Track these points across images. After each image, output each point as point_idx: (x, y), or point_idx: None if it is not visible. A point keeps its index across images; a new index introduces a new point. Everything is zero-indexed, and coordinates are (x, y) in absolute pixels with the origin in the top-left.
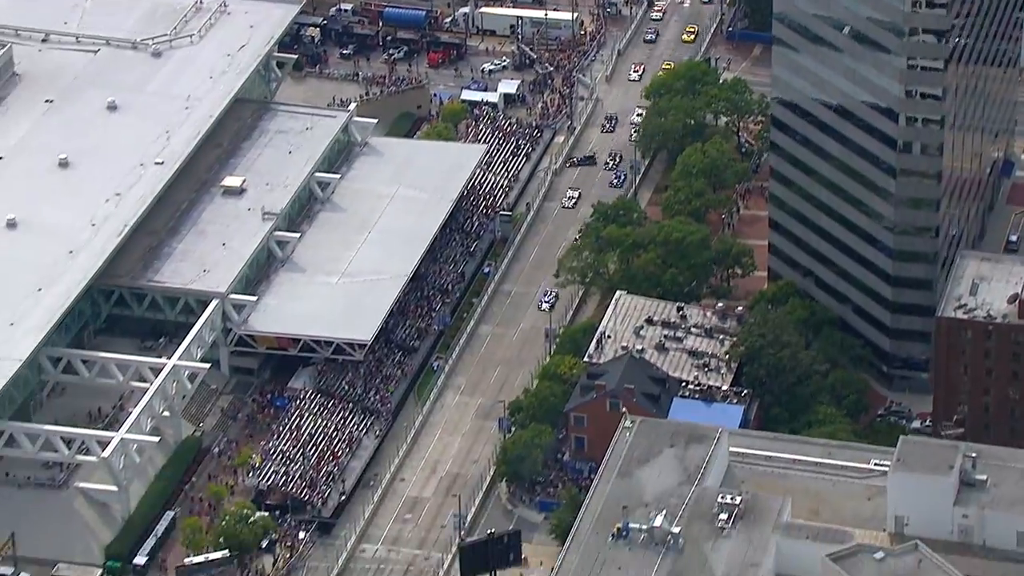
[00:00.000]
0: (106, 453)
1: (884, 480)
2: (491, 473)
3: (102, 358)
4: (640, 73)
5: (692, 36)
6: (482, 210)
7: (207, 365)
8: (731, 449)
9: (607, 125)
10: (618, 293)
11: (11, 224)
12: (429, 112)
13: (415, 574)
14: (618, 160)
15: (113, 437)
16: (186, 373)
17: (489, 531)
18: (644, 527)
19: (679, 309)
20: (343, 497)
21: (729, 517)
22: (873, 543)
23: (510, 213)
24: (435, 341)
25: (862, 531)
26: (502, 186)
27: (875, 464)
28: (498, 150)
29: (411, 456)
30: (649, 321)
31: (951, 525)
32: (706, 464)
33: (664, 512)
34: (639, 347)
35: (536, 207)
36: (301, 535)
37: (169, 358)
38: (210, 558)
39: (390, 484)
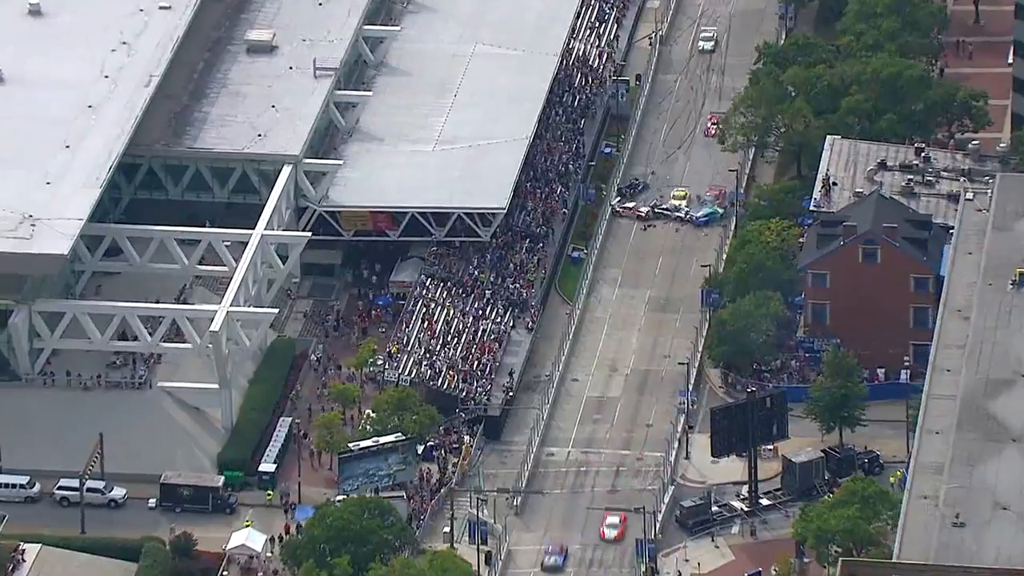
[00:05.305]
0: (215, 326)
1: None
2: (698, 359)
3: (162, 232)
4: None
5: None
6: (580, 82)
7: (307, 234)
8: None
9: None
10: (830, 138)
11: None
12: None
13: (630, 474)
14: None
15: (216, 311)
16: (274, 247)
17: (748, 389)
18: None
19: (919, 151)
20: (510, 393)
21: None
22: None
23: (627, 80)
24: (567, 228)
25: None
26: (597, 54)
27: None
28: (578, 15)
29: (577, 354)
30: (883, 165)
31: None
32: None
33: None
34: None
35: (650, 77)
36: (466, 438)
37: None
38: (381, 442)
39: (560, 384)
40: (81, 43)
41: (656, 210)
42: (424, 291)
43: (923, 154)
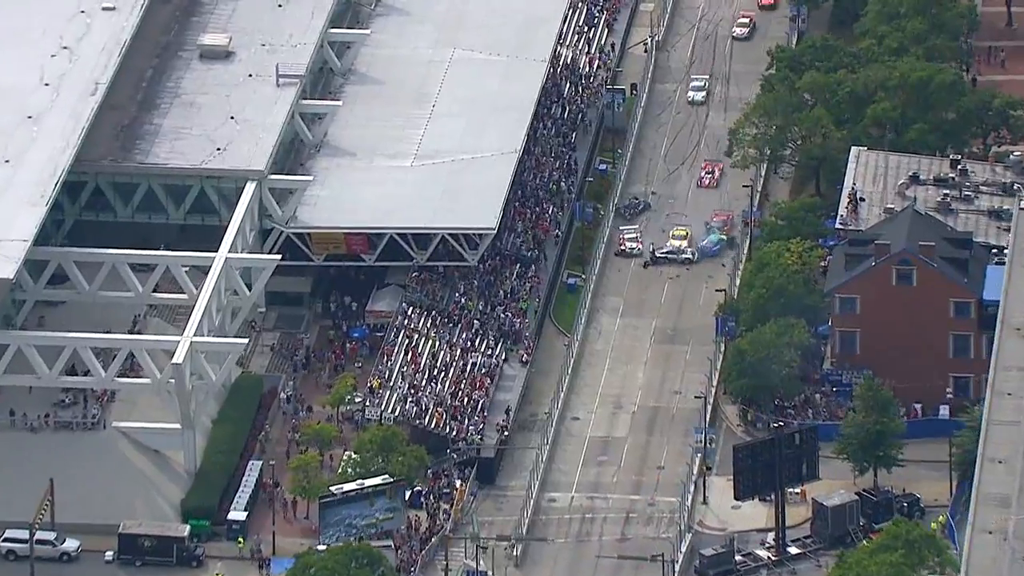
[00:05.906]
0: (177, 358)
1: None
2: (712, 394)
3: (114, 256)
4: None
5: None
6: (570, 91)
7: (276, 257)
8: None
9: None
10: (855, 149)
11: None
12: None
13: (642, 521)
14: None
15: (178, 341)
16: (239, 272)
17: (774, 424)
18: None
19: (954, 163)
20: (505, 433)
21: None
22: None
23: (622, 89)
24: (560, 252)
25: None
26: (588, 61)
27: None
28: (565, 18)
29: (577, 390)
30: (915, 179)
31: None
32: None
33: None
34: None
35: (647, 88)
36: (458, 482)
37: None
38: (366, 485)
39: (560, 423)
40: (17, 48)
41: (656, 255)
42: (406, 321)
43: (959, 167)
